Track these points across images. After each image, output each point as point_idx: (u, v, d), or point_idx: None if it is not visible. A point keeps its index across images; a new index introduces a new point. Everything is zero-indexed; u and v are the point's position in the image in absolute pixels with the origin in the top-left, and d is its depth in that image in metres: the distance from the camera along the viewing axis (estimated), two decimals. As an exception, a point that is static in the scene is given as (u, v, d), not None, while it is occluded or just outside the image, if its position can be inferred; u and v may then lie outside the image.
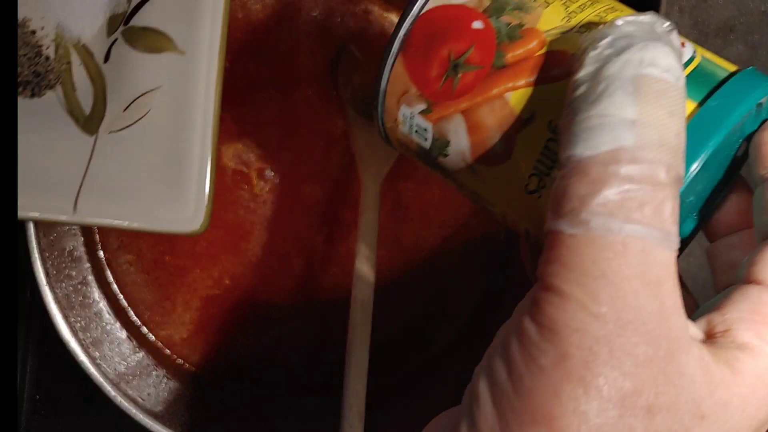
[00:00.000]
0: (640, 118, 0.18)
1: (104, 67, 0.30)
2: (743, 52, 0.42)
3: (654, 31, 0.19)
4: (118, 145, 0.29)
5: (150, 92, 0.29)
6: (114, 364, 0.41)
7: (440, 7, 0.24)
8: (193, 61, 0.29)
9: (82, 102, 0.30)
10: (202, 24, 0.29)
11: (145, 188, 0.29)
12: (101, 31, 0.30)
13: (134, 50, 0.30)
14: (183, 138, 0.29)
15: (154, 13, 0.29)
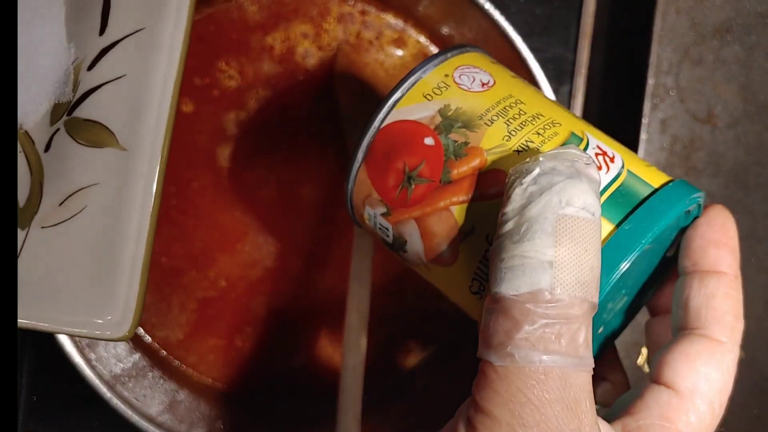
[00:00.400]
0: (557, 260, 0.20)
1: (44, 156, 0.29)
2: (740, 53, 0.42)
3: (574, 167, 0.21)
4: (48, 241, 0.28)
5: (88, 188, 0.28)
6: (110, 365, 0.41)
7: (399, 122, 0.26)
8: (134, 159, 0.28)
9: (19, 192, 0.29)
10: (146, 121, 0.28)
11: (72, 289, 0.28)
12: (45, 119, 0.29)
13: (75, 142, 0.28)
14: (117, 240, 0.28)
15: (98, 106, 0.28)
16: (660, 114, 0.42)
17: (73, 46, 0.29)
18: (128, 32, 0.28)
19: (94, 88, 0.28)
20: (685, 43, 0.42)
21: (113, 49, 0.28)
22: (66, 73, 0.29)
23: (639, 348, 0.43)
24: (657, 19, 0.42)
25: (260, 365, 0.45)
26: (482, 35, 0.41)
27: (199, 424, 0.42)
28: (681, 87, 0.43)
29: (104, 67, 0.28)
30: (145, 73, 0.28)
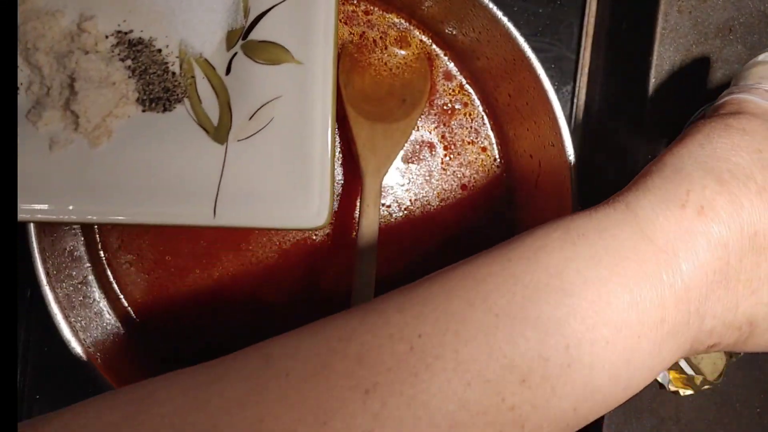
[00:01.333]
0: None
1: (226, 79, 0.32)
2: (742, 53, 0.43)
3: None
4: (246, 152, 0.32)
5: (272, 101, 0.32)
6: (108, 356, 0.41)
7: None
8: (310, 70, 0.31)
9: (209, 113, 0.32)
10: (315, 35, 0.31)
11: (273, 190, 0.31)
12: (221, 46, 0.32)
13: (254, 62, 0.32)
14: (305, 142, 0.31)
15: (270, 28, 0.32)
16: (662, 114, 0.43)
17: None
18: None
19: (264, 12, 0.32)
20: (687, 42, 0.43)
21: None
22: (235, 2, 0.32)
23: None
24: (659, 18, 0.43)
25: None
26: (485, 35, 0.41)
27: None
28: (683, 86, 0.43)
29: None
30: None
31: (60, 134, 0.31)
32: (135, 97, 0.32)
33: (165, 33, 0.32)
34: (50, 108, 0.31)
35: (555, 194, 0.41)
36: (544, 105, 0.40)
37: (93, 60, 0.31)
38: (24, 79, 0.32)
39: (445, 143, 0.46)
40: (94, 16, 0.31)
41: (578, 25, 0.49)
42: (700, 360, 0.42)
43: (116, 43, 0.32)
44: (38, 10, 0.31)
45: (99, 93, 0.31)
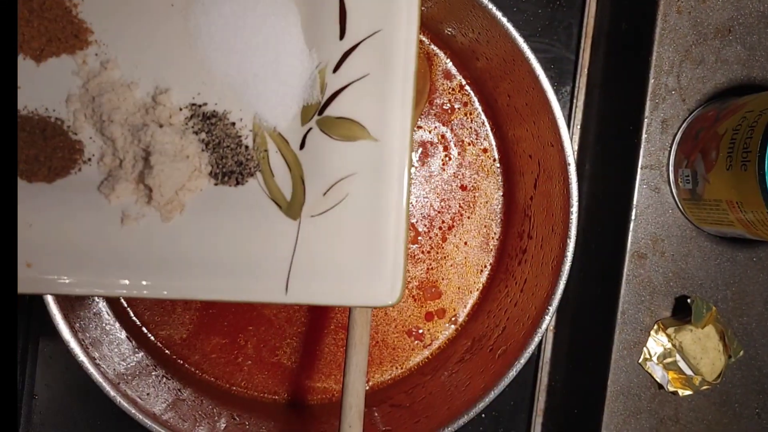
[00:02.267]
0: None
1: (300, 154, 0.32)
2: (741, 53, 0.43)
3: None
4: (320, 227, 0.31)
5: (347, 177, 0.31)
6: (113, 364, 0.41)
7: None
8: (387, 148, 0.31)
9: (282, 188, 0.32)
10: (392, 112, 0.31)
11: (347, 267, 0.31)
12: (295, 120, 0.32)
13: (330, 138, 0.31)
14: (379, 220, 0.31)
15: (346, 104, 0.31)
16: (661, 114, 0.43)
17: (314, 52, 0.31)
18: (366, 35, 0.31)
19: (341, 88, 0.31)
20: (687, 43, 0.43)
21: (354, 51, 0.31)
22: (311, 77, 0.31)
23: (639, 348, 0.43)
24: (658, 19, 0.43)
25: (263, 364, 0.46)
26: (485, 35, 0.41)
27: (201, 422, 0.42)
28: (682, 87, 0.43)
29: (348, 69, 0.31)
30: (387, 70, 0.31)
31: (132, 207, 0.31)
32: (208, 171, 0.31)
33: (239, 106, 0.32)
34: (123, 180, 0.31)
35: (554, 195, 0.41)
36: (544, 105, 0.40)
37: (168, 133, 0.31)
38: (96, 151, 0.31)
39: (445, 143, 0.46)
40: (168, 89, 0.31)
41: (577, 26, 0.49)
42: (699, 361, 0.42)
43: (190, 116, 0.31)
44: (113, 82, 0.31)
45: (173, 167, 0.30)
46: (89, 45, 0.31)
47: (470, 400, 0.40)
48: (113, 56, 0.31)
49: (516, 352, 0.40)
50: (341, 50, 0.31)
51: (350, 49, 0.31)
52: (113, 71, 0.31)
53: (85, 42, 0.31)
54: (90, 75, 0.31)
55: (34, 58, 0.31)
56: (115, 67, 0.31)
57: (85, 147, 0.31)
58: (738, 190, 0.37)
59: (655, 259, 0.43)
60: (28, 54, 0.31)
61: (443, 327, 0.47)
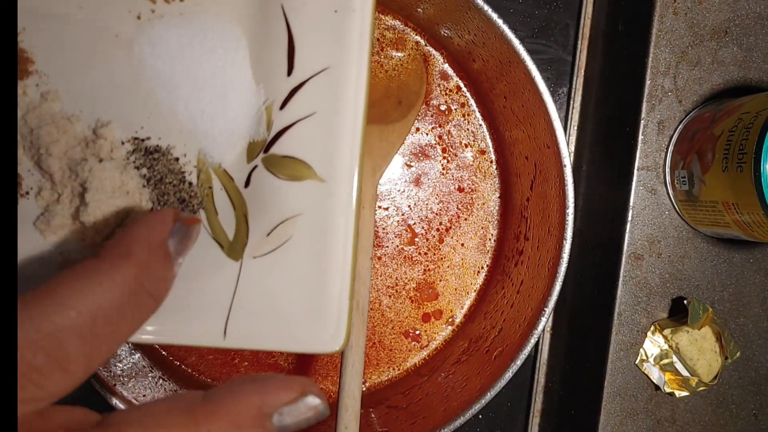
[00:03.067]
0: None
1: (245, 192, 0.31)
2: (738, 55, 0.43)
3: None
4: (261, 269, 0.30)
5: (292, 218, 0.30)
6: (110, 365, 0.41)
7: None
8: (334, 189, 0.30)
9: (225, 227, 0.31)
10: (341, 154, 0.29)
11: (288, 312, 0.30)
12: (241, 157, 0.31)
13: (275, 177, 0.30)
14: (324, 263, 0.30)
15: (293, 142, 0.30)
16: (658, 115, 0.43)
17: (262, 88, 0.30)
18: (315, 71, 0.30)
19: (287, 126, 0.30)
20: (683, 44, 0.43)
21: (302, 88, 0.30)
22: (258, 113, 0.30)
23: (635, 349, 0.43)
24: (655, 20, 0.43)
25: (259, 365, 0.46)
26: (481, 37, 0.41)
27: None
28: (679, 88, 0.43)
29: (295, 106, 0.30)
30: (335, 109, 0.30)
31: (71, 251, 0.30)
32: (149, 207, 0.30)
33: (184, 141, 0.31)
34: (59, 216, 0.30)
35: (551, 196, 0.41)
36: (540, 107, 0.40)
37: (107, 169, 0.29)
38: (34, 184, 0.30)
39: (442, 145, 0.46)
40: (110, 122, 0.30)
41: (574, 27, 0.49)
42: (695, 362, 0.42)
43: (132, 150, 0.30)
44: (54, 114, 0.30)
45: (111, 203, 0.29)
46: (30, 75, 0.30)
47: (467, 401, 0.40)
48: (54, 88, 0.30)
49: (512, 353, 0.40)
50: (289, 87, 0.30)
51: (298, 85, 0.30)
52: (54, 103, 0.30)
53: (26, 72, 0.30)
54: (30, 106, 0.30)
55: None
56: (55, 99, 0.30)
57: (23, 180, 0.30)
58: (734, 191, 0.37)
59: (652, 261, 0.43)
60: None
61: (440, 328, 0.47)
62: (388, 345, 0.46)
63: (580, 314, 0.47)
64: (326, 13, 0.30)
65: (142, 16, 0.31)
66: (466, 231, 0.47)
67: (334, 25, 0.29)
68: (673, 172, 0.42)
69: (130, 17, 0.30)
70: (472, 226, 0.47)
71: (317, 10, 0.30)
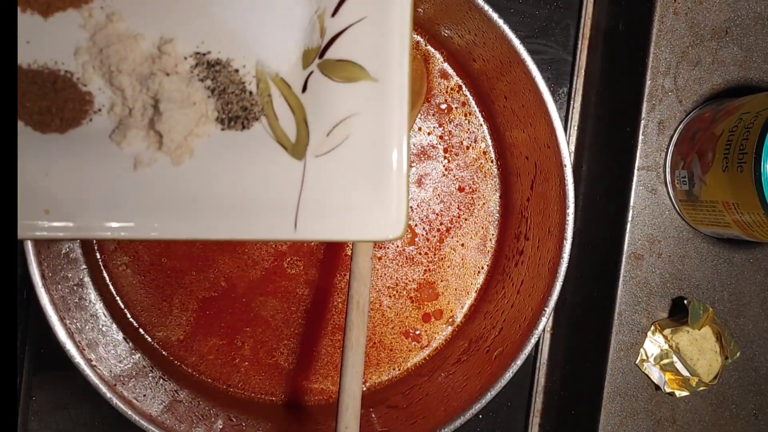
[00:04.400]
0: None
1: (302, 97, 0.33)
2: (738, 55, 0.43)
3: None
4: (324, 166, 0.32)
5: (349, 118, 0.32)
6: (110, 365, 0.41)
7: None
8: (386, 88, 0.32)
9: (287, 130, 0.33)
10: (391, 54, 0.32)
11: (352, 203, 0.32)
12: (297, 65, 0.33)
13: (331, 81, 0.32)
14: (381, 157, 0.32)
15: (346, 47, 0.32)
16: (658, 115, 0.43)
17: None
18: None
19: (340, 32, 0.32)
20: (683, 44, 0.43)
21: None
22: (311, 22, 0.32)
23: (636, 349, 0.43)
24: (655, 20, 0.43)
25: (260, 365, 0.46)
26: (481, 37, 0.41)
27: (198, 423, 0.42)
28: (679, 88, 0.43)
29: (346, 12, 0.32)
30: (383, 12, 0.32)
31: (144, 153, 0.32)
32: (214, 116, 0.32)
33: (242, 53, 0.33)
34: (133, 128, 0.32)
35: (551, 196, 0.41)
36: (540, 107, 0.40)
37: (175, 81, 0.32)
38: (106, 101, 0.32)
39: (444, 145, 0.46)
40: (173, 39, 0.32)
41: (574, 27, 0.49)
42: (695, 362, 0.43)
43: (195, 64, 0.32)
44: (120, 34, 0.32)
45: (182, 113, 0.31)
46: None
47: (467, 401, 0.40)
48: (118, 8, 0.32)
49: (513, 353, 0.40)
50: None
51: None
52: (119, 23, 0.32)
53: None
54: (96, 28, 0.32)
55: (41, 13, 0.32)
56: (120, 20, 0.32)
57: (95, 98, 0.32)
58: (734, 191, 0.37)
59: (652, 261, 0.43)
60: (35, 9, 0.32)
61: (440, 328, 0.47)
62: (389, 345, 0.46)
63: (581, 314, 0.47)
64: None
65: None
66: (466, 231, 0.47)
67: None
68: (674, 172, 0.42)
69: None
70: (473, 226, 0.47)
71: None
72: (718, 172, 0.38)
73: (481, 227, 0.47)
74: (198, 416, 0.42)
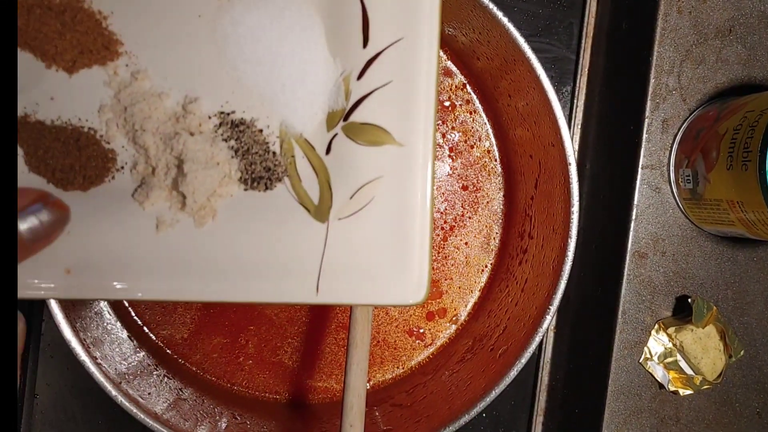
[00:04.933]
0: None
1: (326, 159, 0.33)
2: (742, 53, 0.43)
3: None
4: (347, 230, 0.32)
5: (373, 181, 0.32)
6: (115, 363, 0.41)
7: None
8: (411, 152, 0.32)
9: (310, 192, 0.32)
10: (416, 118, 0.31)
11: (375, 268, 0.32)
12: (321, 127, 0.33)
13: (355, 143, 0.32)
14: (405, 221, 0.32)
15: (371, 110, 0.32)
16: (662, 114, 0.43)
17: (338, 60, 0.32)
18: (389, 42, 0.32)
19: (365, 95, 0.32)
20: (687, 43, 0.43)
21: (377, 59, 0.32)
22: (336, 85, 0.32)
23: (639, 348, 0.43)
24: (659, 19, 0.43)
25: (264, 363, 0.46)
26: (485, 35, 0.41)
27: (203, 421, 0.42)
28: (683, 87, 0.43)
29: (372, 76, 0.32)
30: (410, 76, 0.31)
31: (166, 214, 0.32)
32: (238, 177, 0.32)
33: (266, 114, 0.32)
34: (156, 188, 0.32)
35: (555, 195, 0.41)
36: (544, 105, 0.40)
37: (199, 141, 0.32)
38: (129, 159, 0.32)
39: (448, 144, 0.46)
40: (198, 98, 0.32)
41: (578, 26, 0.49)
42: (699, 360, 0.43)
43: (219, 124, 0.32)
44: (145, 92, 0.32)
45: (206, 173, 0.31)
46: (120, 56, 0.32)
47: (471, 399, 0.40)
48: (143, 67, 0.32)
49: (517, 351, 0.40)
50: (365, 58, 0.32)
51: (374, 57, 0.32)
52: (144, 81, 0.32)
53: (116, 53, 0.32)
54: (121, 85, 0.32)
55: (66, 70, 0.32)
56: (145, 78, 0.32)
57: (118, 156, 0.32)
58: (738, 189, 0.37)
59: (656, 259, 0.43)
60: (60, 66, 0.32)
61: (444, 326, 0.47)
62: (393, 343, 0.46)
63: (584, 313, 0.47)
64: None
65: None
66: (470, 229, 0.47)
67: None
68: (678, 170, 0.42)
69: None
70: (477, 225, 0.47)
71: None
72: (723, 170, 0.38)
73: (485, 226, 0.47)
74: (202, 414, 0.42)
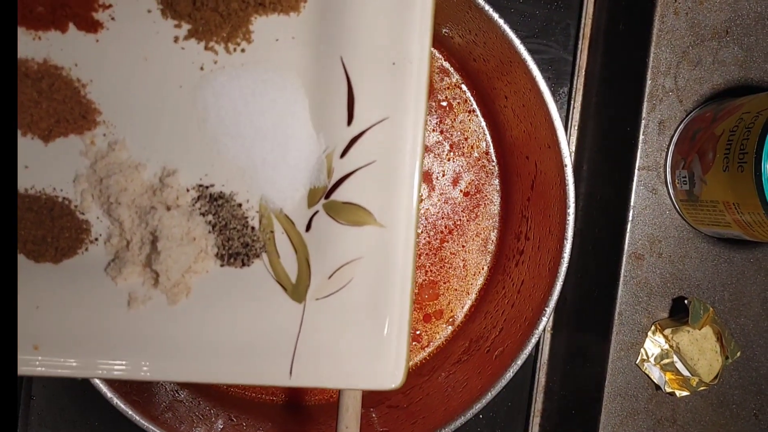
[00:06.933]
0: None
1: (306, 236, 0.32)
2: (738, 55, 0.43)
3: None
4: (323, 311, 0.31)
5: (352, 262, 0.31)
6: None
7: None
8: (393, 234, 0.31)
9: (288, 269, 0.32)
10: (399, 200, 0.31)
11: (350, 351, 0.31)
12: (302, 203, 0.32)
13: (336, 222, 0.31)
14: (383, 305, 0.31)
15: (353, 189, 0.31)
16: (658, 115, 0.43)
17: (322, 137, 0.31)
18: (374, 121, 0.31)
19: (348, 173, 0.31)
20: (684, 44, 0.43)
21: (362, 137, 0.31)
22: (319, 162, 0.31)
23: (636, 349, 0.43)
24: (656, 20, 0.43)
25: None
26: (482, 37, 0.41)
27: (199, 423, 0.42)
28: (679, 88, 0.43)
29: (356, 154, 0.31)
30: (394, 157, 0.31)
31: (138, 290, 0.31)
32: (214, 252, 0.32)
33: (246, 188, 0.32)
34: (130, 263, 0.31)
35: (551, 196, 0.41)
36: (541, 107, 0.40)
37: (175, 216, 0.31)
38: (103, 231, 0.32)
39: (444, 145, 0.46)
40: (176, 170, 0.31)
41: (575, 27, 0.49)
42: (696, 362, 0.42)
43: (197, 197, 0.31)
44: (121, 163, 0.31)
45: (180, 251, 0.31)
46: (97, 125, 0.31)
47: (467, 401, 0.40)
48: (121, 137, 0.31)
49: (513, 353, 0.40)
50: (349, 136, 0.31)
51: (358, 135, 0.31)
52: (121, 152, 0.31)
53: (93, 122, 0.31)
54: (98, 155, 0.31)
55: (42, 138, 0.31)
56: (123, 149, 0.31)
57: (93, 227, 0.32)
58: (735, 191, 0.37)
59: (653, 260, 0.43)
60: (36, 134, 0.31)
61: (441, 328, 0.47)
62: (389, 345, 0.46)
63: (581, 314, 0.47)
64: (385, 65, 0.31)
65: (205, 67, 0.31)
66: (466, 231, 0.47)
67: (392, 77, 0.30)
68: (674, 171, 0.42)
69: (193, 68, 0.31)
70: (473, 226, 0.47)
71: (376, 62, 0.31)
72: (719, 172, 0.38)
73: (481, 227, 0.47)
74: (198, 416, 0.42)
